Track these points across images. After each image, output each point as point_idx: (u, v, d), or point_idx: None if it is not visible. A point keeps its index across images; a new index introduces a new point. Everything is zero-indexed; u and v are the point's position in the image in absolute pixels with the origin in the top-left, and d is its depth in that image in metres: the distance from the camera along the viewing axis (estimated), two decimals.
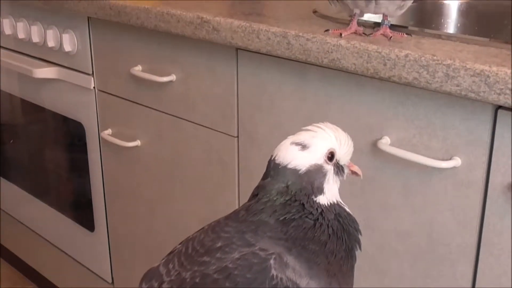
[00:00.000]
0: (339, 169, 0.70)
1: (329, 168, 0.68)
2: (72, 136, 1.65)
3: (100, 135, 1.50)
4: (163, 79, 1.27)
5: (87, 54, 1.46)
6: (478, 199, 0.87)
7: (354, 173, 0.72)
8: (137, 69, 1.34)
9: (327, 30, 0.96)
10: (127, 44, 1.36)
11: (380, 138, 0.95)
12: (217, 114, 1.21)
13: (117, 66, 1.40)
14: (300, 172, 0.67)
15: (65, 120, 1.62)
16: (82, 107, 1.54)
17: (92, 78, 1.47)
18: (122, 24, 1.30)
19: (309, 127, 0.70)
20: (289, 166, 0.67)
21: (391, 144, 0.94)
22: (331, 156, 0.68)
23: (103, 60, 1.44)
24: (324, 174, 0.68)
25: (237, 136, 1.19)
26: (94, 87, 1.48)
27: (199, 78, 1.22)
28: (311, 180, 0.67)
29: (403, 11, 0.95)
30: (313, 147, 0.67)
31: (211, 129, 1.23)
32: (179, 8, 1.17)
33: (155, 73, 1.29)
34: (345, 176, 0.71)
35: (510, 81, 0.75)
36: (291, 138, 0.69)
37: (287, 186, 0.67)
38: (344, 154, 0.70)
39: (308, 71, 1.03)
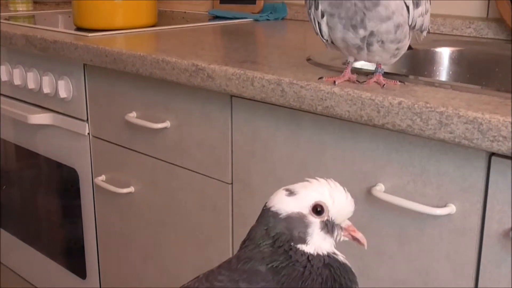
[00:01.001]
0: (328, 227, 0.66)
1: (315, 221, 0.65)
2: (65, 182, 1.64)
3: (94, 181, 1.50)
4: (158, 126, 1.28)
5: (82, 100, 1.47)
6: (473, 246, 0.86)
7: (355, 239, 0.67)
8: (132, 116, 1.34)
9: (321, 78, 0.97)
10: (122, 91, 1.37)
11: (375, 185, 0.95)
12: (211, 161, 1.21)
13: (111, 113, 1.41)
14: (280, 216, 0.65)
15: (58, 166, 1.62)
16: (76, 153, 1.53)
17: (87, 124, 1.48)
18: (117, 71, 1.31)
19: (310, 179, 0.68)
20: (272, 209, 0.66)
21: (386, 191, 0.94)
22: (319, 210, 0.65)
23: (98, 106, 1.44)
24: (306, 225, 0.65)
25: (231, 183, 1.19)
26: (88, 133, 1.48)
27: (193, 125, 1.23)
28: (291, 227, 0.65)
29: (396, 59, 0.96)
30: (300, 195, 0.66)
31: (205, 175, 1.23)
32: (174, 55, 1.19)
33: (149, 120, 1.30)
34: (337, 237, 0.67)
35: (503, 128, 0.76)
36: (286, 186, 0.68)
37: (266, 229, 0.65)
38: (338, 213, 0.66)
39: (302, 118, 1.03)
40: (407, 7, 0.90)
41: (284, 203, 0.66)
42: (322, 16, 0.93)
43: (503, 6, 1.39)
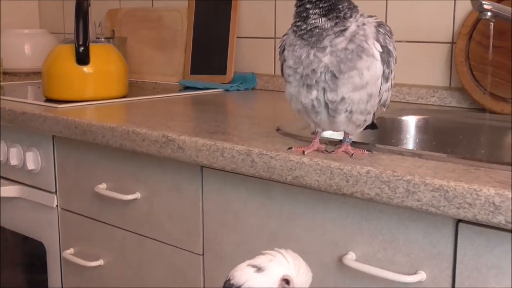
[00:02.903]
0: None
1: None
2: (31, 256, 1.61)
3: (62, 255, 1.47)
4: (128, 197, 1.27)
5: (50, 172, 1.46)
6: None
7: None
8: (102, 187, 1.34)
9: (290, 148, 0.98)
10: (92, 162, 1.37)
11: (345, 254, 0.95)
12: (182, 232, 1.20)
13: (81, 184, 1.40)
14: None
15: (24, 239, 1.59)
16: (44, 226, 1.51)
17: (55, 197, 1.46)
18: (87, 142, 1.31)
19: (269, 251, 0.69)
20: (243, 287, 0.66)
21: (357, 260, 0.94)
22: (286, 283, 0.66)
23: (67, 178, 1.43)
24: None
25: (203, 254, 1.18)
26: (57, 206, 1.47)
27: (164, 196, 1.23)
28: None
29: (362, 129, 0.98)
30: (269, 270, 0.66)
31: (176, 247, 1.22)
32: (144, 126, 1.19)
33: (119, 191, 1.29)
34: None
35: (468, 195, 0.77)
36: (248, 261, 0.68)
37: None
38: (301, 284, 0.68)
39: (272, 188, 1.04)
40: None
41: (255, 281, 0.66)
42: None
43: (464, 76, 1.44)
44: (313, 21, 0.89)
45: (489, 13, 1.18)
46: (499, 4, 1.26)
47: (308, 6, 0.90)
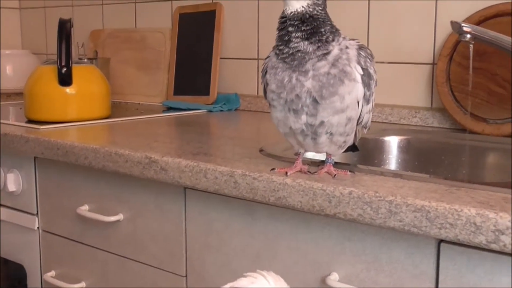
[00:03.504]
0: None
1: None
2: (12, 279, 1.59)
3: (43, 278, 1.45)
4: (110, 219, 1.26)
5: (32, 194, 1.45)
6: None
7: None
8: (84, 209, 1.33)
9: (273, 169, 0.99)
10: (74, 184, 1.36)
11: (329, 274, 0.95)
12: (165, 254, 1.20)
13: (63, 206, 1.39)
14: None
15: (5, 262, 1.57)
16: (25, 249, 1.50)
17: (37, 219, 1.45)
18: (69, 163, 1.31)
19: (251, 273, 0.69)
20: None
21: (340, 280, 0.94)
22: None
23: (49, 199, 1.42)
24: None
25: (186, 276, 1.17)
26: (38, 228, 1.45)
27: (147, 218, 1.22)
28: None
29: (343, 150, 0.98)
30: None
31: (159, 269, 1.21)
32: (127, 148, 1.19)
33: (102, 213, 1.29)
34: None
35: (449, 215, 0.78)
36: (230, 284, 0.68)
37: None
38: None
39: (255, 209, 1.04)
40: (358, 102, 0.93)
41: None
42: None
43: (445, 97, 1.45)
44: (296, 44, 0.89)
45: (468, 35, 1.20)
46: (478, 26, 1.28)
47: (290, 29, 0.90)
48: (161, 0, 2.12)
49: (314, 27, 0.90)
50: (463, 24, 1.20)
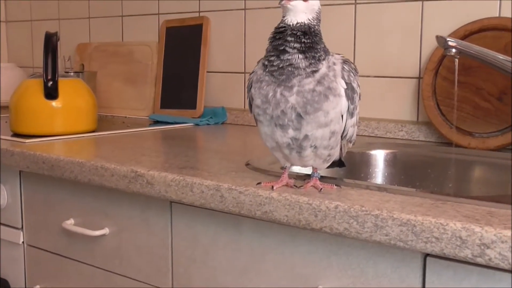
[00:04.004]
0: None
1: None
2: None
3: None
4: (96, 233, 1.26)
5: (17, 208, 1.44)
6: None
7: None
8: (69, 223, 1.32)
9: (259, 183, 0.99)
10: (60, 198, 1.35)
11: None
12: (151, 268, 1.19)
13: (48, 220, 1.38)
14: None
15: None
16: (9, 263, 1.48)
17: (21, 233, 1.44)
18: (55, 177, 1.30)
19: None
20: None
21: None
22: None
23: (34, 214, 1.41)
24: None
25: None
26: (23, 242, 1.44)
27: (132, 232, 1.21)
28: None
29: (328, 164, 0.98)
30: None
31: (145, 283, 1.20)
32: (113, 161, 1.19)
33: (87, 227, 1.28)
34: None
35: (435, 229, 0.78)
36: None
37: None
38: None
39: (242, 223, 1.04)
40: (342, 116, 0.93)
41: None
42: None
43: (431, 111, 1.46)
44: (289, 56, 0.89)
45: (453, 50, 1.21)
46: (463, 41, 1.30)
47: (289, 38, 0.89)
48: (148, 14, 2.12)
49: (313, 42, 0.90)
50: (448, 39, 1.21)
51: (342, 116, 0.92)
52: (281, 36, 0.90)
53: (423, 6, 1.52)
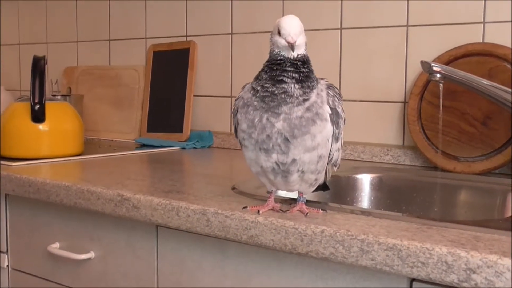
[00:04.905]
0: None
1: None
2: None
3: None
4: (81, 257, 1.25)
5: (2, 232, 1.43)
6: None
7: None
8: (55, 247, 1.31)
9: (245, 207, 0.99)
10: (45, 221, 1.34)
11: None
12: None
13: (33, 244, 1.37)
14: None
15: None
16: None
17: (6, 256, 1.42)
18: (41, 201, 1.29)
19: None
20: None
21: None
22: None
23: (19, 237, 1.40)
24: None
25: None
26: (7, 266, 1.43)
27: (118, 255, 1.21)
28: None
29: (314, 188, 0.99)
30: None
31: None
32: (99, 185, 1.18)
33: (73, 251, 1.27)
34: None
35: (420, 254, 0.78)
36: None
37: None
38: None
39: (228, 247, 1.04)
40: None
41: None
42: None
43: (416, 135, 1.47)
44: (286, 85, 0.89)
45: (438, 75, 1.22)
46: (448, 66, 1.31)
47: (289, 68, 0.90)
48: (135, 38, 2.13)
49: (309, 72, 0.92)
50: (433, 64, 1.23)
51: (328, 140, 0.93)
52: (279, 67, 0.91)
53: (408, 31, 1.54)
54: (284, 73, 0.90)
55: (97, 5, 2.25)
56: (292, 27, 0.90)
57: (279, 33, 0.91)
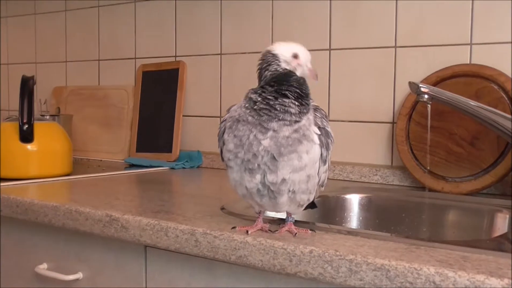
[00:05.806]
0: None
1: None
2: None
3: None
4: (69, 278, 1.24)
5: None
6: None
7: None
8: (42, 267, 1.30)
9: (234, 228, 0.99)
10: (33, 242, 1.33)
11: None
12: None
13: (21, 265, 1.36)
14: None
15: None
16: None
17: None
18: (28, 221, 1.28)
19: None
20: None
21: None
22: None
23: (6, 258, 1.39)
24: None
25: None
26: None
27: (107, 276, 1.20)
28: None
29: (302, 208, 0.99)
30: None
31: None
32: (88, 205, 1.18)
33: (61, 272, 1.26)
34: None
35: (409, 274, 0.78)
36: None
37: None
38: None
39: (217, 268, 1.03)
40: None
41: None
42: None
43: (405, 155, 1.48)
44: (288, 101, 0.91)
45: (426, 96, 1.23)
46: (435, 87, 1.32)
47: (295, 84, 0.92)
48: (125, 58, 2.13)
49: (308, 91, 0.95)
50: (420, 85, 1.24)
51: (316, 163, 0.93)
52: (284, 82, 0.92)
53: (396, 52, 1.55)
54: (290, 88, 0.92)
55: (86, 25, 2.26)
56: (309, 55, 0.98)
57: (295, 56, 0.95)
